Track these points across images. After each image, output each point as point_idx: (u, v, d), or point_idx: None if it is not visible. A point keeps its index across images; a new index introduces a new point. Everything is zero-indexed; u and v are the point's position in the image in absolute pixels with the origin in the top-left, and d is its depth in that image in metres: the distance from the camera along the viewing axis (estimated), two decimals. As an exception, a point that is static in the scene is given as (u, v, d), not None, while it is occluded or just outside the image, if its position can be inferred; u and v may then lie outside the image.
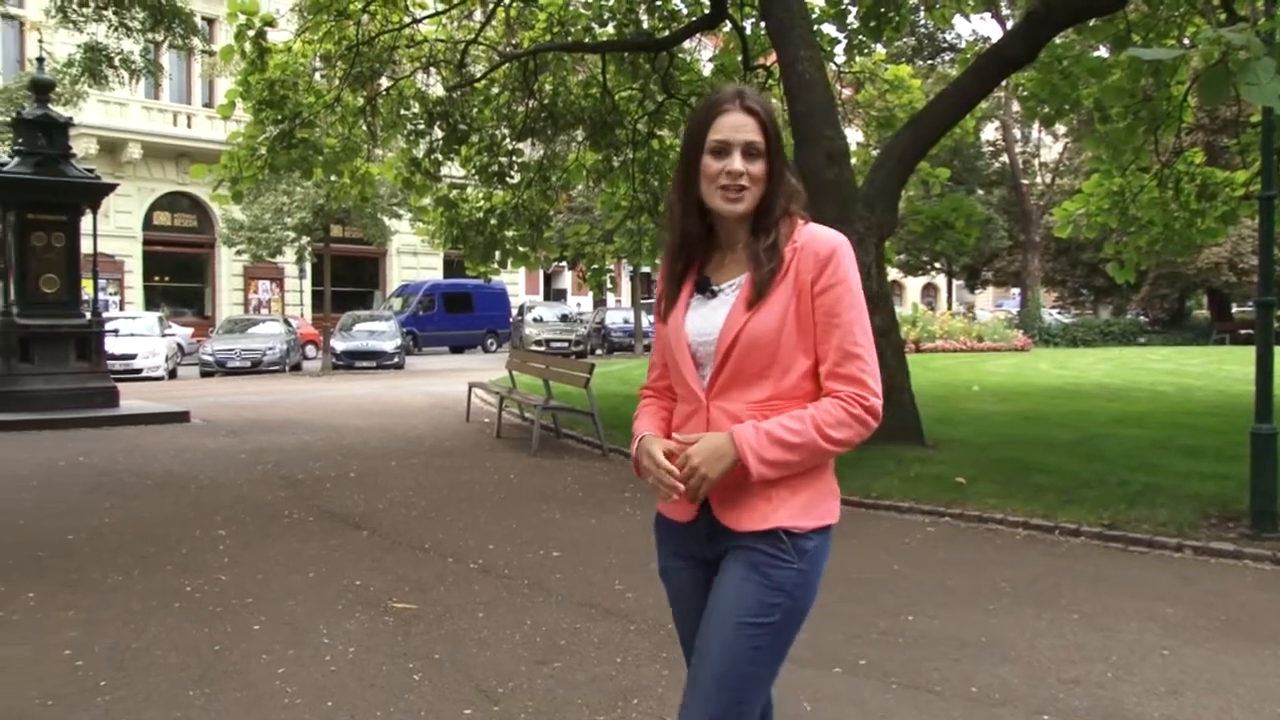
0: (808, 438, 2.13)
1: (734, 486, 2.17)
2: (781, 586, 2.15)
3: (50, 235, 14.75)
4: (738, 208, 2.19)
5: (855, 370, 2.16)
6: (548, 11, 14.30)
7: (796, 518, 2.17)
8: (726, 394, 2.21)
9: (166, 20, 11.61)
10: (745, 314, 2.17)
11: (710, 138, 2.20)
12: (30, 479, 9.43)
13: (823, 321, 2.17)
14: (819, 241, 2.19)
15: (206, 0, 29.85)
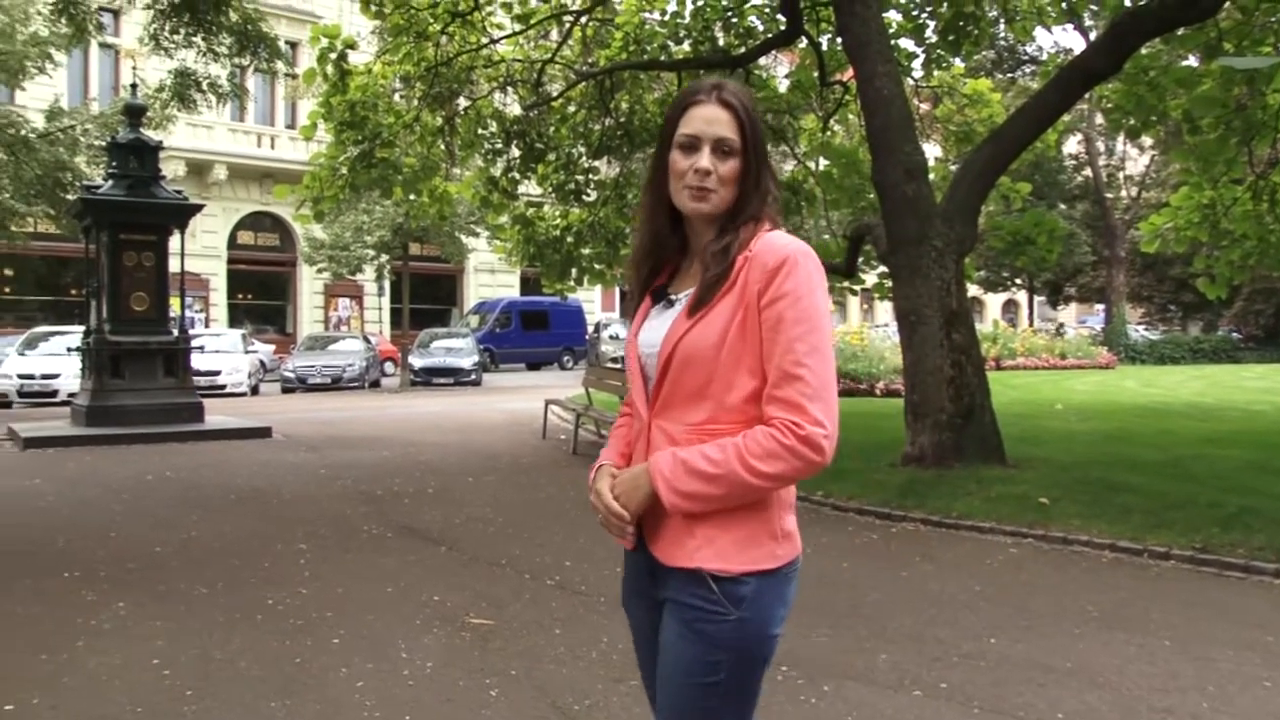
0: (728, 469, 1.88)
1: (661, 516, 1.98)
2: (720, 643, 1.93)
3: (140, 255, 15.14)
4: (702, 207, 2.00)
5: (793, 394, 1.89)
6: (624, 30, 14.38)
7: (724, 559, 1.93)
8: (666, 413, 2.01)
9: (252, 45, 11.90)
10: (686, 324, 1.98)
11: (680, 131, 2.01)
12: (121, 491, 9.66)
13: (767, 338, 1.92)
14: (771, 250, 1.95)
15: (290, 24, 30.58)
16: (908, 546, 7.36)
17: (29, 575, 6.44)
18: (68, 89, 27.38)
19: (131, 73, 17.52)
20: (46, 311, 30.20)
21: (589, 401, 13.76)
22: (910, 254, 9.67)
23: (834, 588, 6.16)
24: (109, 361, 14.71)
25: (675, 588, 1.98)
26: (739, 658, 1.95)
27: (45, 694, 4.34)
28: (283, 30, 26.53)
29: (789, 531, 2.03)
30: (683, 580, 1.96)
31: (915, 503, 8.41)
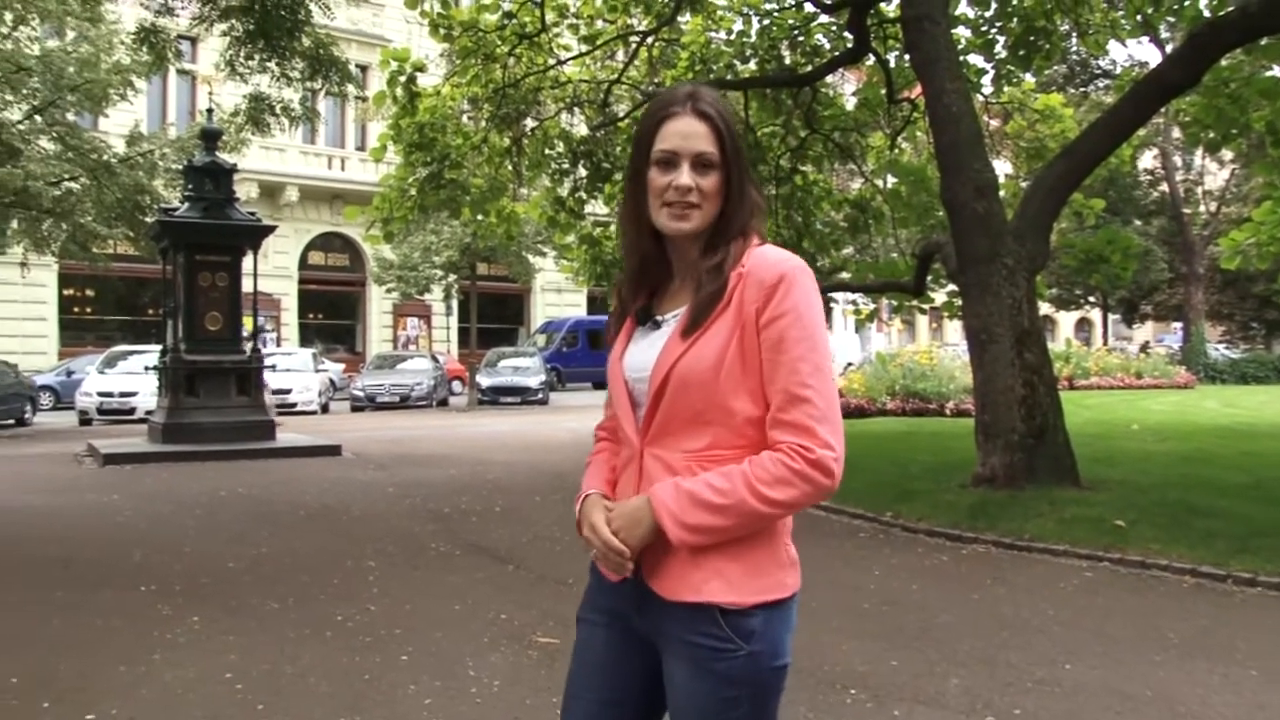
0: (737, 499, 1.80)
1: (662, 548, 1.87)
2: (735, 679, 1.84)
3: (215, 275, 15.46)
4: (684, 226, 1.90)
5: (802, 416, 1.81)
6: (690, 50, 14.41)
7: (735, 592, 1.84)
8: (661, 440, 1.91)
9: (324, 69, 12.10)
10: (680, 347, 1.87)
11: (656, 147, 1.91)
12: (195, 507, 9.83)
13: (768, 359, 1.84)
14: (766, 266, 1.87)
15: (360, 48, 31.10)
16: (979, 568, 7.24)
17: (109, 588, 6.57)
18: (147, 115, 28.10)
19: (207, 98, 17.93)
20: (125, 331, 30.95)
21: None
22: (981, 272, 9.55)
23: (904, 609, 6.07)
24: (184, 380, 15.01)
25: (676, 625, 1.88)
26: (754, 692, 1.87)
27: (123, 704, 4.42)
28: (353, 54, 26.98)
29: (794, 558, 1.96)
30: (686, 616, 1.86)
31: (986, 524, 8.27)
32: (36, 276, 26.59)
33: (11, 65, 18.03)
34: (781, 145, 14.91)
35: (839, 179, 19.23)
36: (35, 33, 19.31)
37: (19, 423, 21.67)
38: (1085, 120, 17.16)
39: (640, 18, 14.45)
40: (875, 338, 44.88)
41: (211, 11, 11.08)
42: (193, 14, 11.23)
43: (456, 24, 13.30)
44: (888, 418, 18.07)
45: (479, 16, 13.42)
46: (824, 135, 14.61)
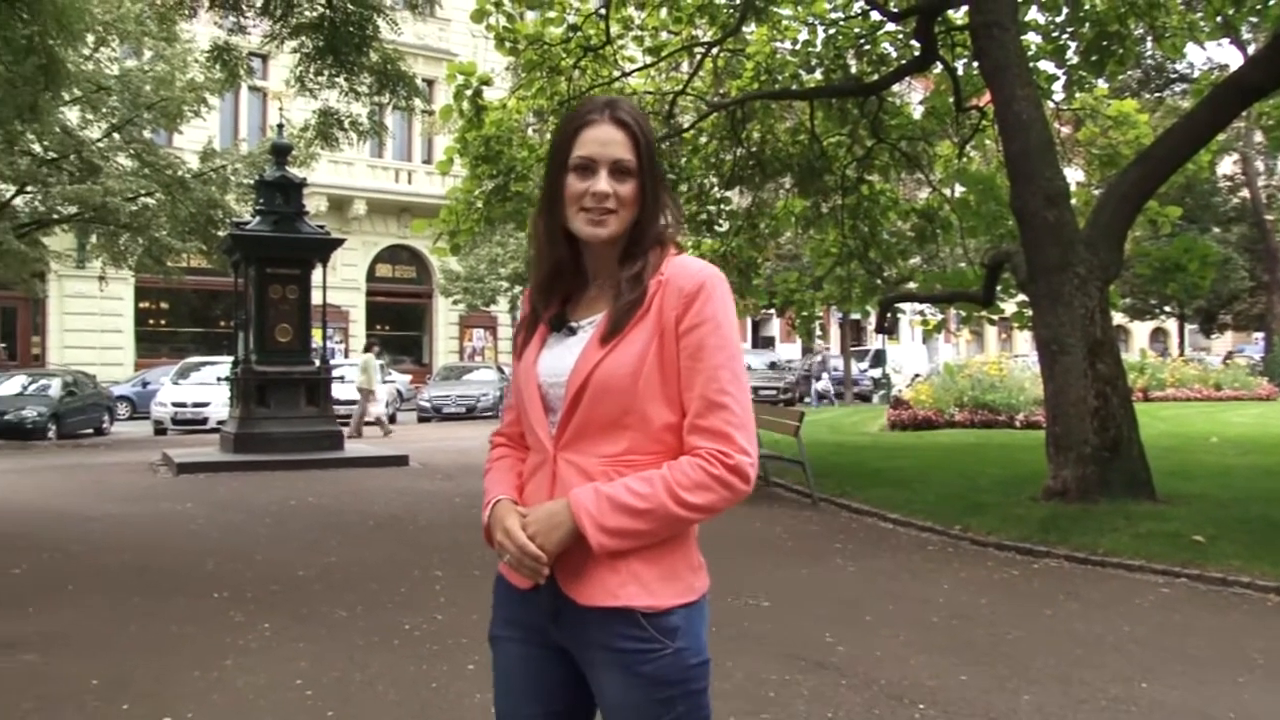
0: (657, 503, 1.82)
1: (577, 554, 1.85)
2: (666, 679, 1.85)
3: (285, 288, 15.71)
4: (601, 232, 1.91)
5: (719, 423, 1.84)
6: (755, 60, 14.38)
7: (651, 596, 1.86)
8: (576, 446, 1.90)
9: (391, 84, 12.25)
10: (599, 353, 1.88)
11: (574, 153, 1.92)
12: (265, 516, 9.98)
13: (686, 366, 1.86)
14: (686, 274, 1.90)
15: (427, 63, 31.46)
16: (1050, 584, 7.10)
17: (183, 595, 6.69)
18: (220, 131, 28.66)
19: (278, 113, 18.26)
20: (198, 342, 31.54)
21: (720, 431, 13.71)
22: (1052, 282, 9.39)
23: (973, 624, 5.97)
24: (255, 391, 15.25)
25: (597, 631, 1.87)
26: (686, 689, 1.88)
27: (198, 709, 4.49)
28: (420, 68, 27.31)
29: (702, 562, 2.00)
30: (606, 621, 1.86)
31: (1058, 538, 8.11)
32: (114, 290, 27.23)
33: (92, 85, 18.52)
34: (847, 155, 14.81)
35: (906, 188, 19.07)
36: (115, 53, 19.82)
37: (97, 432, 22.20)
38: (1161, 126, 16.82)
39: (705, 29, 14.44)
40: (943, 348, 44.35)
41: (282, 29, 11.28)
42: (264, 31, 11.45)
43: (522, 37, 13.40)
44: (955, 429, 17.84)
45: (544, 30, 13.51)
46: (890, 144, 14.48)
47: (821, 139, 14.54)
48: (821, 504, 10.64)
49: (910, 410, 19.05)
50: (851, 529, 9.41)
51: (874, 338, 37.81)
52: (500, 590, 2.06)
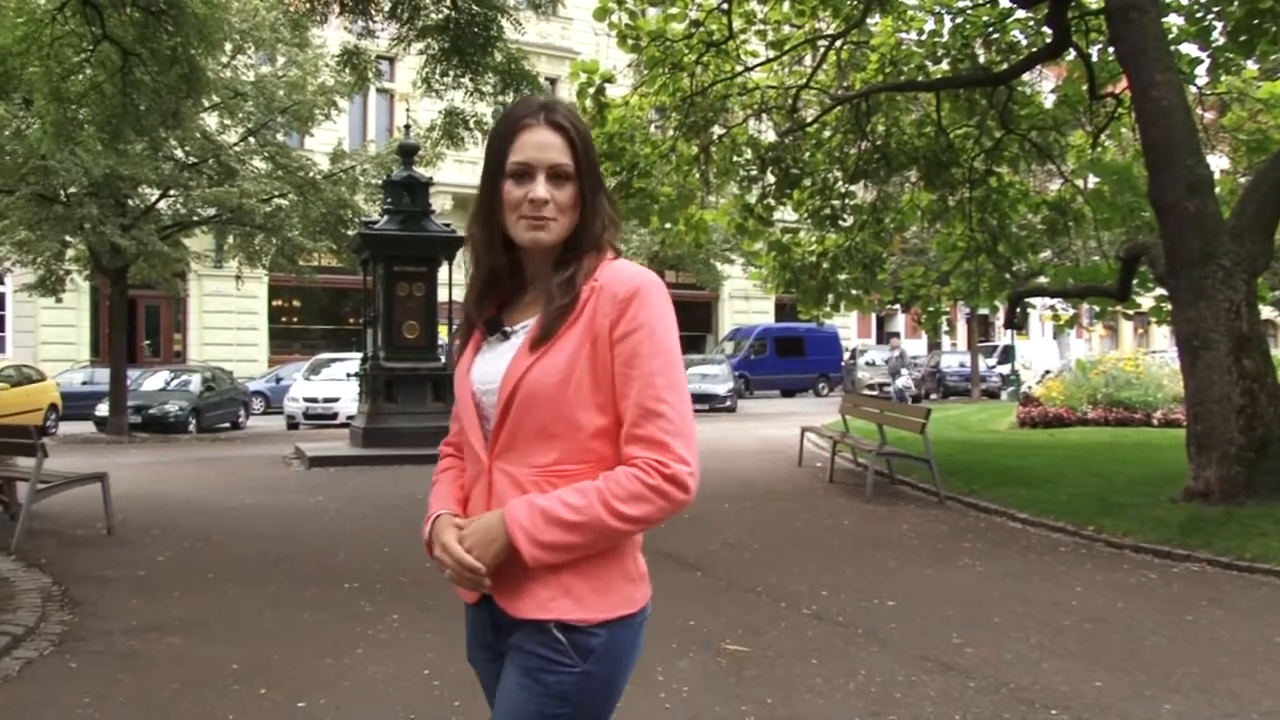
0: (592, 515, 1.77)
1: (512, 566, 1.82)
2: (561, 694, 1.81)
3: (412, 285, 16.03)
4: (541, 238, 1.87)
5: (655, 431, 1.79)
6: (879, 52, 14.15)
7: (582, 609, 1.82)
8: (508, 455, 1.86)
9: (515, 83, 12.39)
10: (528, 359, 1.83)
11: (510, 158, 1.88)
12: (395, 509, 10.21)
13: (621, 373, 1.81)
14: (620, 280, 1.85)
15: (550, 61, 31.78)
16: (1192, 589, 6.82)
17: (316, 585, 6.88)
18: (349, 132, 29.40)
19: (405, 114, 18.64)
20: (328, 339, 32.45)
21: (845, 429, 13.53)
22: (1193, 275, 9.02)
23: (1108, 629, 5.77)
24: (383, 386, 15.60)
25: (521, 638, 1.85)
26: (580, 711, 1.83)
27: (330, 694, 4.62)
28: (543, 67, 27.58)
29: (643, 572, 1.95)
30: (531, 630, 1.83)
31: (1200, 542, 7.78)
32: (249, 288, 28.17)
33: (230, 92, 19.18)
34: (975, 147, 14.47)
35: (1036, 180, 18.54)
36: (250, 60, 20.51)
37: (234, 426, 23.03)
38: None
39: (828, 21, 14.27)
40: (1074, 344, 43.05)
41: (409, 32, 11.50)
42: (392, 35, 11.68)
43: (644, 34, 13.43)
44: (1088, 427, 17.28)
45: (666, 26, 13.51)
46: (1020, 135, 14.10)
47: (948, 131, 14.23)
48: (948, 502, 10.42)
49: (1040, 407, 18.54)
50: (979, 528, 9.19)
51: (1002, 333, 36.92)
52: (466, 618, 2.05)
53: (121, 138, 12.72)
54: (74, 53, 10.76)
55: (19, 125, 17.00)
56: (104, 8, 9.95)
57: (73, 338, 29.05)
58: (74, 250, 19.90)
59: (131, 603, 6.45)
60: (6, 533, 8.41)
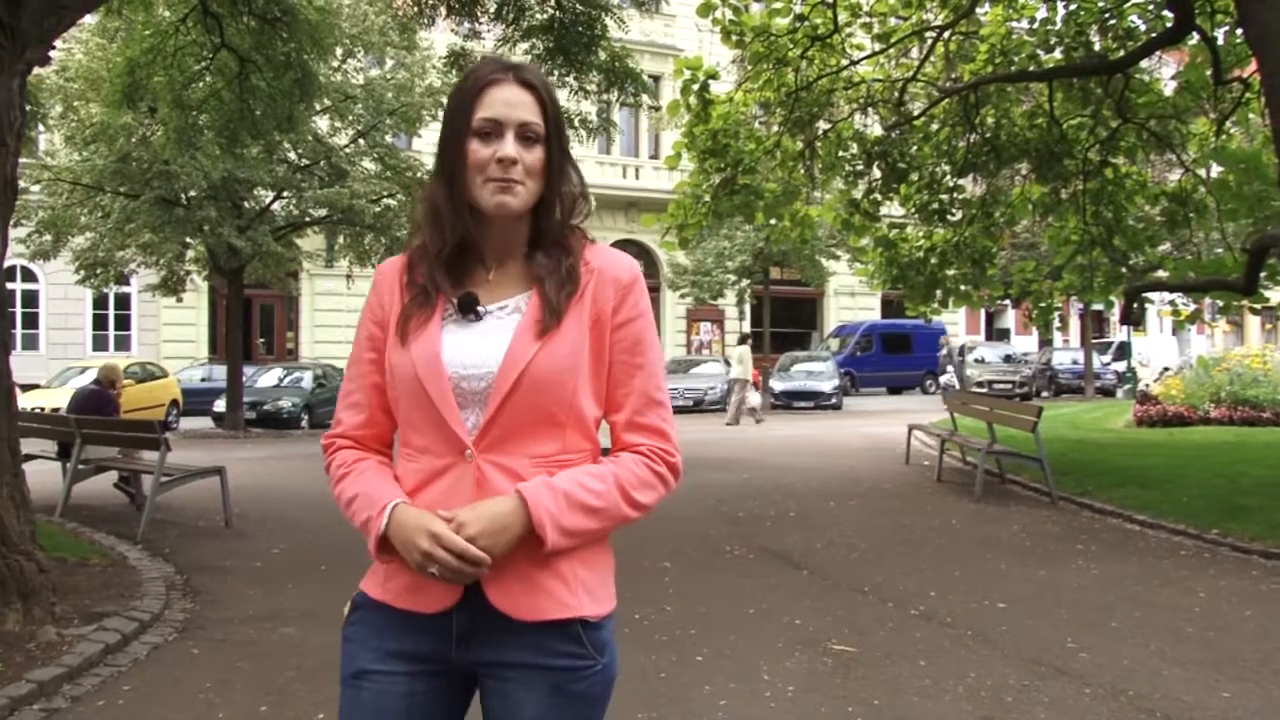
0: (611, 501, 1.71)
1: (515, 562, 1.68)
2: (592, 697, 1.74)
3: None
4: (510, 202, 1.73)
5: (658, 420, 1.80)
6: (989, 42, 13.83)
7: (597, 604, 1.75)
8: (503, 446, 1.71)
9: (619, 81, 12.46)
10: (533, 344, 1.71)
11: (477, 115, 1.73)
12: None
13: (622, 361, 1.77)
14: (619, 265, 1.80)
15: (653, 58, 31.85)
16: (1325, 595, 6.53)
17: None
18: (457, 133, 29.85)
19: (512, 114, 18.80)
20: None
21: (954, 426, 13.28)
22: (1325, 266, 8.63)
23: (1236, 637, 5.55)
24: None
25: (526, 649, 1.72)
26: (602, 708, 1.78)
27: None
28: (646, 65, 27.65)
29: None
30: (540, 637, 1.71)
31: (1334, 546, 7.45)
32: (360, 287, 28.73)
33: (340, 95, 19.64)
34: (1090, 137, 14.05)
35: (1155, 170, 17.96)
36: (360, 64, 20.98)
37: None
38: None
39: (936, 12, 14.00)
40: (1195, 340, 41.61)
41: (514, 32, 11.63)
42: (497, 36, 11.82)
43: (748, 30, 13.35)
44: (1211, 426, 16.68)
45: (770, 21, 13.40)
46: (1138, 124, 13.64)
47: (1061, 121, 13.84)
48: (1061, 503, 10.15)
49: (1159, 406, 17.94)
50: (1094, 529, 8.93)
51: (1118, 329, 35.87)
52: (375, 621, 1.79)
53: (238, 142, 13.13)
54: (195, 61, 11.14)
55: (144, 132, 17.67)
56: (223, 17, 10.26)
57: (192, 336, 30.07)
58: (193, 251, 20.60)
59: (248, 593, 6.65)
60: (133, 523, 8.75)
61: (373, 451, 1.85)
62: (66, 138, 19.16)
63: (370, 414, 1.85)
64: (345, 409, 1.87)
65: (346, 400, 1.87)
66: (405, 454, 1.80)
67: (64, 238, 20.02)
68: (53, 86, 17.70)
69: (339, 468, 1.83)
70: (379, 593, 1.79)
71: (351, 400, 1.87)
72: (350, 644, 1.82)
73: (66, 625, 5.49)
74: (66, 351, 27.24)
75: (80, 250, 20.27)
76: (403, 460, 1.80)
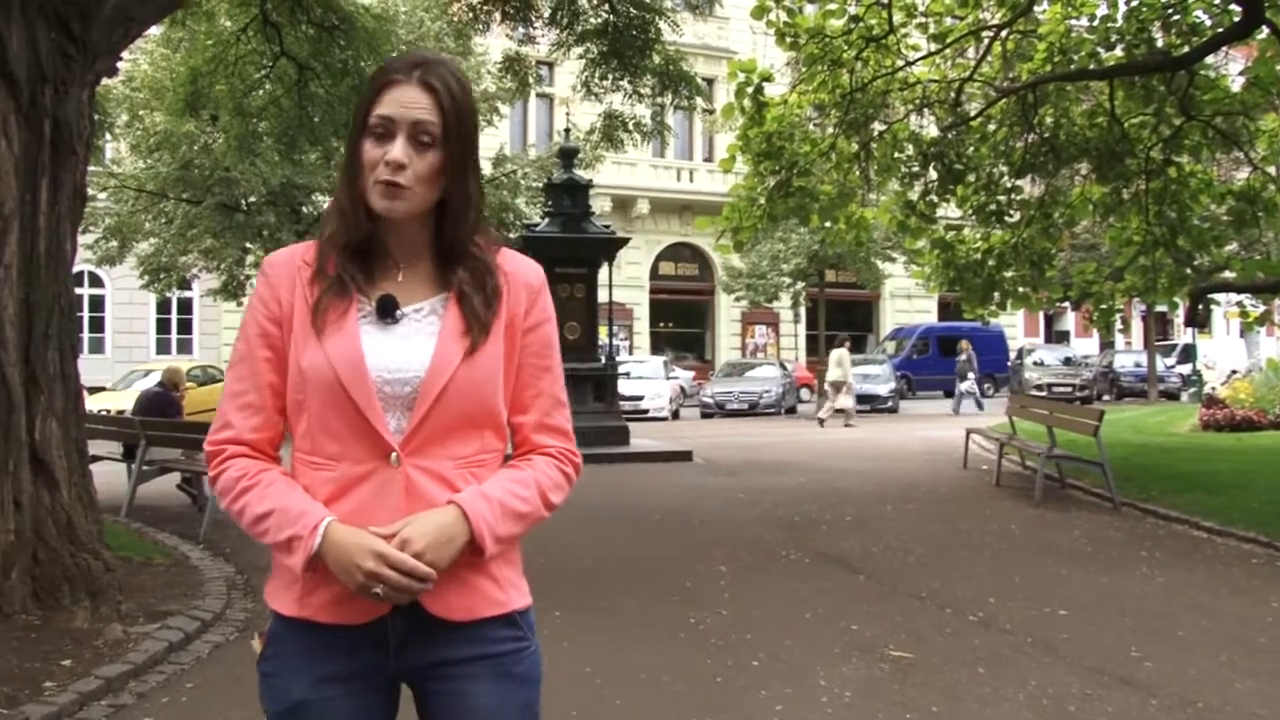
0: (534, 506, 1.78)
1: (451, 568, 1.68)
2: (533, 677, 1.82)
3: (573, 287, 16.26)
4: (394, 208, 1.69)
5: (564, 422, 1.86)
6: (1048, 41, 13.64)
7: (523, 595, 1.83)
8: (427, 450, 1.71)
9: (673, 84, 12.49)
10: (460, 348, 1.71)
11: (373, 114, 1.70)
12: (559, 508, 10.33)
13: (531, 364, 1.81)
14: (529, 270, 1.84)
15: (707, 61, 31.80)
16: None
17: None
18: (510, 137, 30.02)
19: (564, 118, 18.91)
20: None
21: (1013, 431, 13.10)
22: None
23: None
24: (546, 387, 15.86)
25: (467, 645, 1.74)
26: (539, 690, 1.84)
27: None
28: (700, 68, 27.62)
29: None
30: (479, 632, 1.75)
31: None
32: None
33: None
34: (1152, 136, 13.80)
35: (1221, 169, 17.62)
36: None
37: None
38: None
39: (993, 11, 13.84)
40: (1265, 343, 40.74)
41: (569, 37, 11.69)
42: (552, 40, 11.88)
43: (803, 31, 13.28)
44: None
45: (825, 23, 13.33)
46: (1203, 122, 13.37)
47: (1123, 120, 13.62)
48: (1123, 508, 9.96)
49: (1226, 409, 17.57)
50: (1158, 536, 8.77)
51: (1182, 331, 35.22)
52: (298, 644, 1.74)
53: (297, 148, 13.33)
54: (255, 70, 11.33)
55: (206, 140, 17.97)
56: (282, 26, 10.42)
57: (252, 340, 30.50)
58: (253, 256, 20.91)
59: (308, 595, 6.71)
60: (195, 523, 8.90)
61: (267, 457, 1.77)
62: (132, 146, 19.57)
63: (266, 416, 1.76)
64: (236, 411, 1.76)
65: (238, 401, 1.76)
66: (312, 462, 1.73)
67: (129, 243, 20.44)
68: (119, 96, 18.08)
69: (240, 478, 1.73)
70: (297, 609, 1.73)
71: (244, 401, 1.76)
72: (274, 678, 1.76)
73: (132, 623, 5.59)
74: (131, 355, 27.79)
75: (144, 256, 20.68)
76: (306, 469, 1.74)
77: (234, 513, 1.75)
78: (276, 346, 1.76)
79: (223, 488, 1.75)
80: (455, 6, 13.45)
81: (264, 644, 1.79)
